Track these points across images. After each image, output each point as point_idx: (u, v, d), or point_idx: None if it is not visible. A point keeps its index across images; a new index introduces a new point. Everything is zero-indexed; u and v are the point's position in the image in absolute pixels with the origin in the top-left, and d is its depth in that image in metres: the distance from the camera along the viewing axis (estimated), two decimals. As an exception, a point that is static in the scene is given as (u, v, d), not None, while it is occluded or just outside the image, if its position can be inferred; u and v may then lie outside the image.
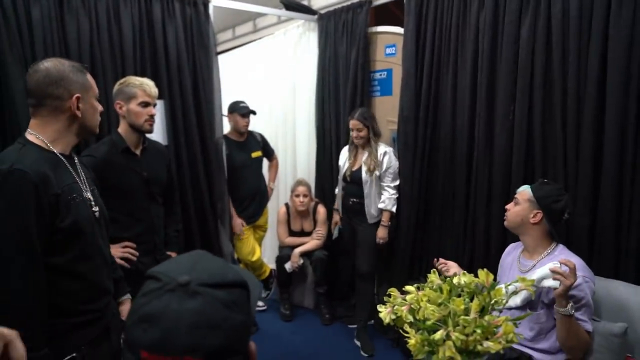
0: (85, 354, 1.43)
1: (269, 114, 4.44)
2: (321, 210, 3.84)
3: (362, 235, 3.34)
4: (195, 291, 0.61)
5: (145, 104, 2.24)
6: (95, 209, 1.50)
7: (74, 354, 1.41)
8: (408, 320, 1.34)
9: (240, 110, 3.60)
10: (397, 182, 3.24)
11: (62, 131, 1.44)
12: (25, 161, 1.33)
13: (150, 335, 0.59)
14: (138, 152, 2.28)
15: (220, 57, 3.57)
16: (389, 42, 3.58)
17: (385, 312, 1.41)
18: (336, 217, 3.68)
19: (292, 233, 3.91)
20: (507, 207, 2.07)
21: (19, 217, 1.27)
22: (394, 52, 3.55)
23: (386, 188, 3.24)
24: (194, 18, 3.21)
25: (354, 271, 3.48)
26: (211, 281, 0.63)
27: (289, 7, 3.99)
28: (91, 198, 1.50)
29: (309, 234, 3.87)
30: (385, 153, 3.24)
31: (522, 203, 1.99)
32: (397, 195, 3.24)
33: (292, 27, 4.27)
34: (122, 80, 2.33)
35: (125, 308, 1.75)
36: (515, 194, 2.08)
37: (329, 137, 3.86)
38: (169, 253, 2.42)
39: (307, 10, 4.06)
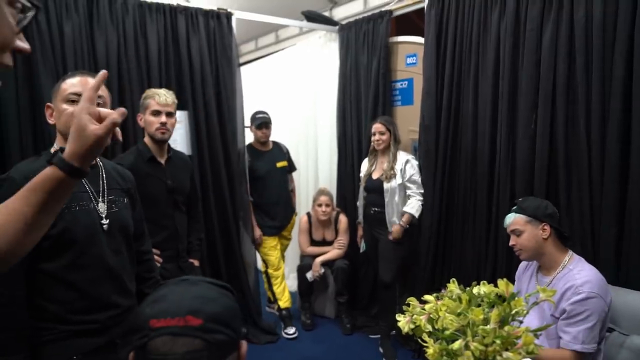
0: None
1: (291, 123, 4.48)
2: (343, 219, 3.84)
3: (384, 245, 3.32)
4: (196, 282, 0.79)
5: (157, 112, 2.30)
6: (105, 220, 1.48)
7: None
8: (427, 330, 1.33)
9: (256, 122, 3.65)
10: (422, 190, 3.23)
11: (61, 140, 1.49)
12: (22, 169, 1.38)
13: (157, 307, 0.72)
14: (163, 161, 2.34)
15: (243, 68, 3.64)
16: (410, 51, 3.59)
17: (404, 322, 1.40)
18: (361, 231, 3.67)
19: (313, 242, 3.92)
20: (512, 243, 2.01)
21: None
22: (414, 61, 3.55)
23: (412, 195, 3.24)
24: (217, 31, 3.28)
25: (376, 281, 3.46)
26: (208, 280, 0.81)
27: (310, 18, 4.04)
28: (102, 209, 1.49)
29: (330, 243, 3.87)
30: (407, 161, 3.23)
31: (524, 229, 1.95)
32: (422, 202, 3.23)
33: (313, 38, 4.32)
34: (142, 96, 2.41)
35: None
36: (505, 230, 2.05)
37: (351, 146, 3.87)
38: (191, 261, 2.46)
39: (328, 21, 4.10)
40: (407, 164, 3.23)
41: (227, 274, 3.29)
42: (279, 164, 3.79)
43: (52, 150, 1.49)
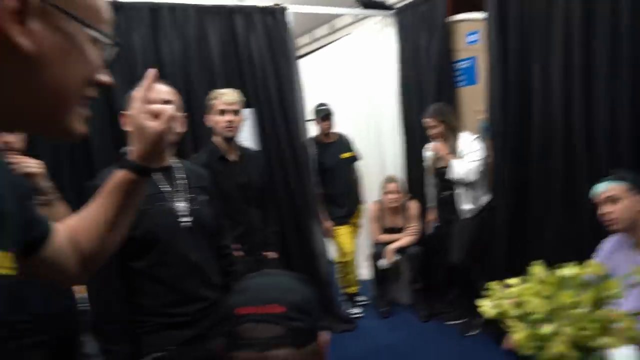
0: (174, 355, 1.50)
1: (352, 113, 4.47)
2: (413, 205, 3.79)
3: (457, 227, 3.27)
4: (277, 274, 0.85)
5: (222, 112, 2.38)
6: (185, 219, 1.56)
7: (160, 354, 1.49)
8: (512, 315, 1.29)
9: (319, 114, 3.70)
10: (477, 157, 3.13)
11: None
12: (105, 175, 1.46)
13: (242, 297, 0.78)
14: (234, 158, 2.42)
15: (300, 61, 3.66)
16: (471, 29, 3.46)
17: (487, 306, 1.36)
18: (430, 215, 3.61)
19: (384, 230, 3.90)
20: (607, 211, 1.86)
21: None
22: (476, 39, 3.42)
23: (466, 159, 3.15)
24: (273, 27, 3.33)
25: (451, 267, 3.40)
26: (287, 273, 0.86)
27: (365, 5, 3.99)
28: (180, 208, 1.56)
29: (401, 230, 3.84)
30: (471, 142, 3.16)
31: (623, 196, 1.82)
32: (475, 163, 3.12)
33: (368, 24, 4.26)
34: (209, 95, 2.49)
35: None
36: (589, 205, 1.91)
37: (414, 132, 3.80)
38: (268, 254, 2.53)
39: (382, 6, 4.04)
40: (471, 145, 3.15)
41: (300, 266, 3.35)
42: (344, 155, 3.81)
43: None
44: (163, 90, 1.58)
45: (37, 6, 0.53)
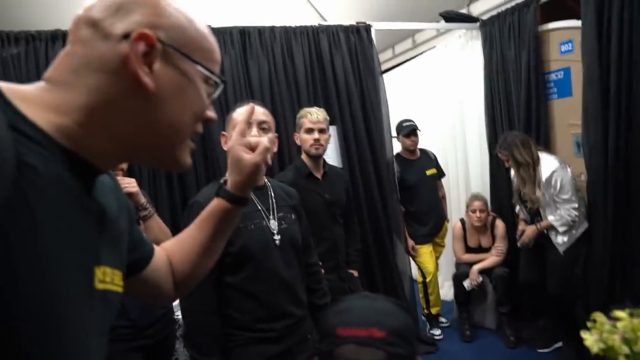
0: None
1: (436, 129, 4.39)
2: (500, 224, 3.63)
3: (552, 256, 3.07)
4: (376, 298, 0.86)
5: (309, 130, 2.42)
6: (277, 236, 1.61)
7: None
8: (623, 352, 1.18)
9: (404, 131, 3.65)
10: (575, 204, 2.90)
11: None
12: (205, 193, 1.59)
13: (344, 317, 0.80)
14: (320, 176, 2.47)
15: (383, 76, 3.66)
16: (564, 38, 3.28)
17: (592, 340, 1.26)
18: (522, 225, 3.39)
19: (468, 249, 3.76)
20: None
21: None
22: (570, 48, 3.23)
23: (560, 207, 2.94)
24: (358, 44, 3.37)
25: (540, 289, 3.19)
26: (386, 297, 0.87)
27: (449, 18, 3.92)
28: (274, 226, 1.61)
29: (487, 250, 3.68)
30: (552, 172, 2.92)
31: None
32: (576, 218, 2.91)
33: (453, 38, 4.18)
34: (298, 114, 2.55)
35: None
36: None
37: (503, 147, 3.65)
38: (351, 271, 2.53)
39: (467, 18, 3.94)
40: (553, 175, 2.92)
41: (383, 284, 3.32)
42: (429, 172, 3.74)
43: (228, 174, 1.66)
44: (258, 111, 1.63)
45: (160, 48, 0.58)
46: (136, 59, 0.56)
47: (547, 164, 2.97)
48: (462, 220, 3.80)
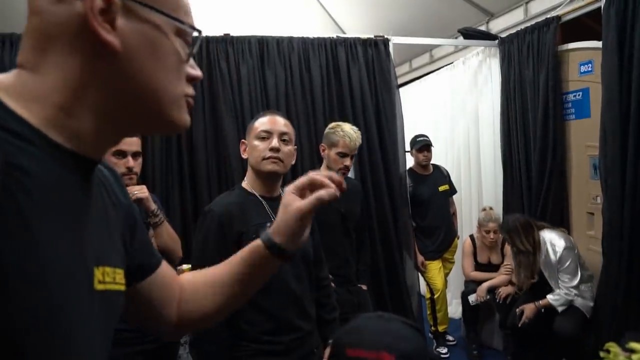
0: None
1: (450, 145, 4.37)
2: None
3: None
4: (390, 318, 0.84)
5: (343, 155, 2.42)
6: None
7: None
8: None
9: (417, 145, 3.65)
10: (576, 282, 2.89)
11: (252, 174, 1.64)
12: (220, 202, 1.60)
13: (354, 338, 0.79)
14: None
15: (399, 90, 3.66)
16: (584, 59, 3.25)
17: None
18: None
19: (478, 266, 3.72)
20: None
21: (204, 252, 1.53)
22: (590, 69, 3.20)
23: (562, 285, 2.92)
24: (375, 58, 3.37)
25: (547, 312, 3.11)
26: (401, 319, 0.85)
27: (467, 35, 3.91)
28: None
29: (496, 267, 3.63)
30: (562, 251, 2.91)
31: None
32: (575, 297, 2.90)
33: (471, 54, 4.17)
34: (332, 125, 2.53)
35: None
36: None
37: (517, 167, 3.61)
38: (360, 286, 2.51)
39: (486, 36, 3.93)
40: (560, 257, 2.90)
41: (391, 299, 3.29)
42: (441, 188, 3.73)
43: (244, 184, 1.66)
44: (280, 122, 1.63)
45: (119, 3, 0.54)
46: (94, 16, 0.51)
47: (554, 243, 2.95)
48: (471, 237, 3.76)
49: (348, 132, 2.43)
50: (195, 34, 0.63)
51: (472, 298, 3.55)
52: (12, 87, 0.52)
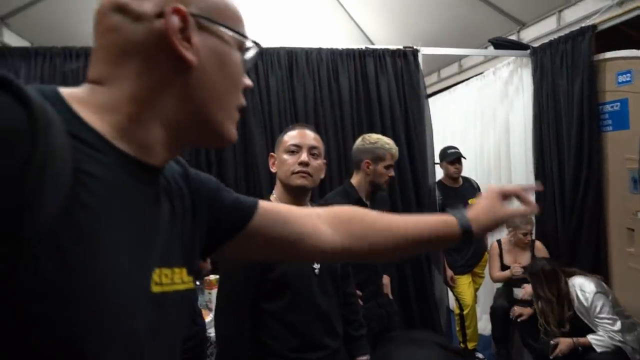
0: None
1: (480, 156, 4.28)
2: (539, 245, 3.48)
3: None
4: (423, 344, 0.85)
5: (389, 166, 2.42)
6: (316, 265, 1.57)
7: None
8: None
9: (448, 157, 3.58)
10: (618, 326, 2.67)
11: (280, 187, 1.62)
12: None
13: None
14: (368, 202, 2.43)
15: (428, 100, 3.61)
16: (622, 68, 3.14)
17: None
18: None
19: (504, 268, 3.57)
20: None
21: (232, 267, 1.51)
22: (629, 79, 3.09)
23: (604, 329, 2.70)
24: (404, 68, 3.34)
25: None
26: (438, 341, 0.85)
27: (498, 45, 3.84)
28: None
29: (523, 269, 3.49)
30: (592, 297, 2.73)
31: None
32: (619, 343, 2.65)
33: (501, 64, 4.09)
34: (368, 139, 2.49)
35: None
36: None
37: (550, 180, 3.49)
38: (387, 294, 2.49)
39: (517, 45, 3.85)
40: (591, 303, 2.73)
41: (419, 314, 3.21)
42: (471, 201, 3.63)
43: (272, 198, 1.64)
44: (309, 136, 1.62)
45: (193, 21, 0.58)
46: (174, 34, 0.55)
47: (584, 288, 2.79)
48: (498, 241, 3.66)
49: (391, 144, 2.47)
50: (255, 47, 0.67)
51: (518, 293, 3.40)
52: (85, 99, 0.55)
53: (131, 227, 0.54)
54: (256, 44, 0.66)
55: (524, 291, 3.35)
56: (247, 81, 0.67)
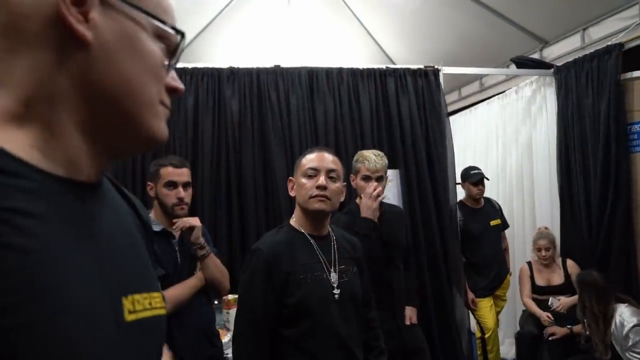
0: None
1: (502, 176, 4.21)
2: (571, 263, 3.40)
3: None
4: None
5: (367, 178, 2.37)
6: (336, 290, 1.53)
7: None
8: None
9: (472, 179, 3.52)
10: None
11: (299, 211, 1.61)
12: (267, 241, 1.55)
13: None
14: (376, 219, 2.37)
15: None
16: (651, 87, 3.06)
17: None
18: None
19: (537, 289, 3.47)
20: None
21: (251, 292, 1.49)
22: (658, 98, 3.01)
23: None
24: (425, 88, 3.32)
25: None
26: None
27: (520, 64, 3.79)
28: (334, 279, 1.54)
29: (558, 288, 3.38)
30: (622, 321, 2.67)
31: None
32: None
33: (524, 83, 4.04)
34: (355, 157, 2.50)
35: None
36: None
37: (577, 202, 3.39)
38: (411, 308, 2.51)
39: (540, 64, 3.79)
40: (619, 324, 2.67)
41: (440, 337, 3.13)
42: (493, 222, 3.58)
43: (292, 222, 1.62)
44: (327, 159, 1.60)
45: None
46: (65, 6, 0.48)
47: (625, 317, 2.71)
48: (528, 263, 3.57)
49: (367, 154, 2.42)
50: (179, 37, 0.58)
51: (554, 302, 3.32)
52: None
53: (84, 260, 0.48)
54: (179, 32, 0.58)
55: (560, 303, 3.26)
56: (175, 82, 0.59)
